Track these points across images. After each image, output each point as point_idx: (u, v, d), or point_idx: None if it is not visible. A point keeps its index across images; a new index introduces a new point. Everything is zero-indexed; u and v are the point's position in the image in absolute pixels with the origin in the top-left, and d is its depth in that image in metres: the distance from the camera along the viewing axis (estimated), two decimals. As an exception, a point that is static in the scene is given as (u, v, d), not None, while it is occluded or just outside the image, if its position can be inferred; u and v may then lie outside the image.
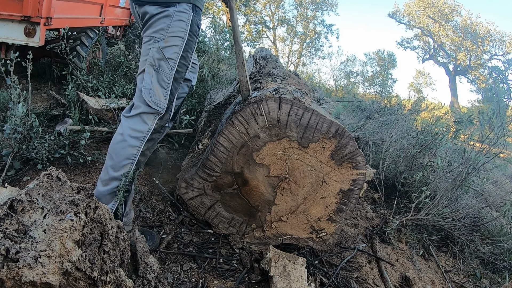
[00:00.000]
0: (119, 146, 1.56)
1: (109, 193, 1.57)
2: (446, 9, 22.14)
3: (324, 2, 21.09)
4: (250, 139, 1.63)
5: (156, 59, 1.54)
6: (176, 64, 1.56)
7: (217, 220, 1.81)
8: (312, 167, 1.67)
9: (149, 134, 1.57)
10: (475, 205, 2.70)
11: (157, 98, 1.56)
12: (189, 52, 1.60)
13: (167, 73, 1.55)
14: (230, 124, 1.62)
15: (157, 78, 1.55)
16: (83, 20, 3.72)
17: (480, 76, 22.08)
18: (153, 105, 1.56)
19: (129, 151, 1.55)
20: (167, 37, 1.53)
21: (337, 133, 1.61)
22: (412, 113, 4.59)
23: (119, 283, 0.98)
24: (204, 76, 3.74)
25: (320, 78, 18.10)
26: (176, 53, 1.55)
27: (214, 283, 1.58)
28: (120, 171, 1.56)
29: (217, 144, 1.65)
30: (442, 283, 2.18)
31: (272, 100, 1.59)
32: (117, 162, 1.56)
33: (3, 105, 2.82)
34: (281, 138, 1.63)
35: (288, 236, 1.80)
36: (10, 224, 0.79)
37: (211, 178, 1.72)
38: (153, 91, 1.55)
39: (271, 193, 1.72)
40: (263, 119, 1.60)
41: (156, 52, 1.54)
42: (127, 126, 1.57)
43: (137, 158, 1.56)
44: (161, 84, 1.56)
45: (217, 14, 16.98)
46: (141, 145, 1.57)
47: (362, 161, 1.66)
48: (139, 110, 1.57)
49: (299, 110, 1.59)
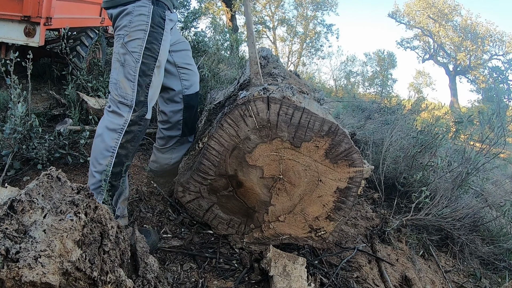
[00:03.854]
0: (98, 140, 1.62)
1: (93, 188, 1.61)
2: (446, 9, 22.13)
3: (324, 2, 21.08)
4: (241, 141, 1.61)
5: (121, 54, 1.61)
6: (140, 56, 1.61)
7: (215, 222, 1.81)
8: (306, 166, 1.65)
9: (126, 126, 1.61)
10: (475, 205, 2.70)
11: (123, 91, 1.61)
12: (155, 43, 1.64)
13: (132, 65, 1.61)
14: (220, 127, 1.60)
15: (123, 72, 1.61)
16: (83, 20, 3.73)
17: (480, 76, 22.06)
18: (119, 97, 1.61)
19: (108, 143, 1.60)
20: (130, 32, 1.60)
21: (330, 131, 1.57)
22: (412, 113, 4.59)
23: (119, 283, 0.98)
24: (204, 76, 3.74)
25: (320, 78, 18.09)
26: (139, 46, 1.60)
27: (214, 283, 1.58)
28: (101, 164, 1.60)
29: (209, 147, 1.63)
30: (442, 283, 2.18)
31: (260, 100, 1.55)
32: (97, 155, 1.61)
33: (3, 105, 2.82)
34: (273, 139, 1.60)
35: (287, 236, 1.80)
36: (10, 224, 0.79)
37: (206, 181, 1.71)
38: (119, 85, 1.61)
39: (267, 194, 1.71)
40: (253, 121, 1.57)
41: (120, 47, 1.61)
42: (104, 120, 1.64)
43: (116, 150, 1.60)
44: (127, 77, 1.61)
45: (217, 14, 16.98)
46: (119, 137, 1.61)
47: (359, 158, 1.62)
48: (112, 106, 1.64)
49: (289, 109, 1.55)
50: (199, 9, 6.00)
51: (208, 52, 4.70)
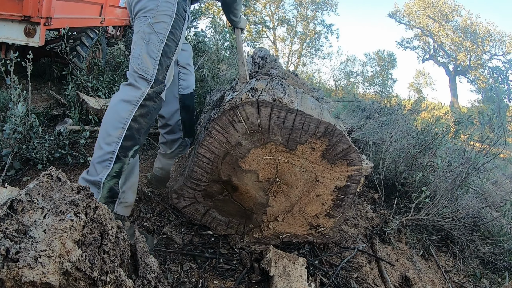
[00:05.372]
0: (111, 111, 1.56)
1: (98, 161, 1.51)
2: (446, 9, 22.13)
3: (324, 2, 21.09)
4: (232, 147, 1.56)
5: (146, 33, 1.64)
6: (165, 38, 1.64)
7: (214, 224, 1.81)
8: (303, 168, 1.61)
9: (141, 99, 1.57)
10: (475, 205, 2.70)
11: (145, 66, 1.61)
12: (178, 30, 1.69)
13: (157, 44, 1.63)
14: (208, 134, 1.55)
15: (146, 49, 1.62)
16: (83, 20, 3.73)
17: (480, 76, 22.06)
18: (141, 71, 1.61)
19: (121, 114, 1.53)
20: (157, 15, 1.63)
21: (326, 132, 1.51)
22: (412, 113, 4.58)
23: (119, 283, 0.98)
24: (204, 76, 3.74)
25: (320, 78, 18.10)
26: (165, 28, 1.64)
27: (214, 283, 1.58)
28: (111, 136, 1.51)
29: (199, 155, 1.59)
30: (442, 283, 2.18)
31: (249, 104, 1.46)
32: (108, 126, 1.53)
33: (3, 105, 2.82)
34: (266, 143, 1.53)
35: (287, 234, 1.80)
36: (10, 224, 0.79)
37: (199, 187, 1.69)
38: (141, 59, 1.62)
39: (264, 196, 1.68)
40: (243, 126, 1.50)
41: (146, 27, 1.64)
42: (120, 93, 1.60)
43: (129, 121, 1.53)
44: (150, 54, 1.63)
45: (217, 14, 16.97)
46: (134, 109, 1.55)
47: (357, 157, 1.58)
48: (130, 79, 1.62)
49: (281, 112, 1.47)
50: (199, 9, 6.00)
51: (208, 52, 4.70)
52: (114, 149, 1.50)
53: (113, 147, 1.50)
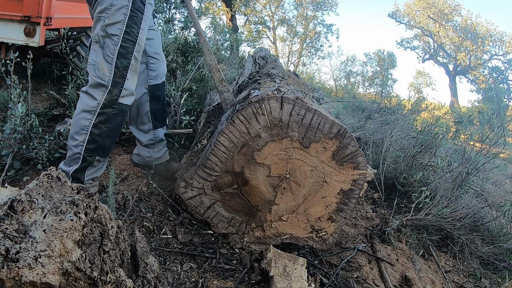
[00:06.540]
0: (75, 118, 1.74)
1: (70, 160, 1.78)
2: (446, 9, 22.13)
3: (324, 2, 21.08)
4: (251, 138, 1.63)
5: (100, 37, 1.66)
6: (120, 39, 1.66)
7: (216, 220, 1.81)
8: (313, 167, 1.67)
9: (98, 108, 1.70)
10: (475, 205, 2.70)
11: (101, 72, 1.67)
12: (134, 27, 1.70)
13: (112, 48, 1.66)
14: (231, 123, 1.62)
15: (102, 53, 1.66)
16: (83, 20, 3.73)
17: (480, 76, 22.06)
18: (97, 78, 1.67)
19: (82, 123, 1.71)
20: (111, 15, 1.64)
21: (338, 133, 1.61)
22: (412, 113, 4.58)
23: (119, 283, 0.98)
24: (204, 76, 3.74)
25: (320, 78, 18.08)
26: (119, 29, 1.66)
27: (214, 283, 1.58)
28: (77, 140, 1.73)
29: (218, 143, 1.65)
30: (442, 283, 2.18)
31: (274, 99, 1.58)
32: (74, 132, 1.74)
33: (3, 105, 2.82)
34: (283, 138, 1.62)
35: (288, 236, 1.80)
36: (10, 224, 0.79)
37: (211, 177, 1.72)
38: (97, 66, 1.67)
39: (272, 193, 1.72)
40: (265, 119, 1.59)
41: (100, 30, 1.66)
42: (80, 101, 1.74)
43: (89, 129, 1.71)
44: (106, 59, 1.67)
45: (217, 14, 16.97)
46: (93, 117, 1.71)
47: (363, 162, 1.66)
48: (87, 86, 1.72)
49: (301, 110, 1.58)
50: (199, 9, 6.00)
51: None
52: (80, 150, 1.74)
53: (79, 149, 1.74)
